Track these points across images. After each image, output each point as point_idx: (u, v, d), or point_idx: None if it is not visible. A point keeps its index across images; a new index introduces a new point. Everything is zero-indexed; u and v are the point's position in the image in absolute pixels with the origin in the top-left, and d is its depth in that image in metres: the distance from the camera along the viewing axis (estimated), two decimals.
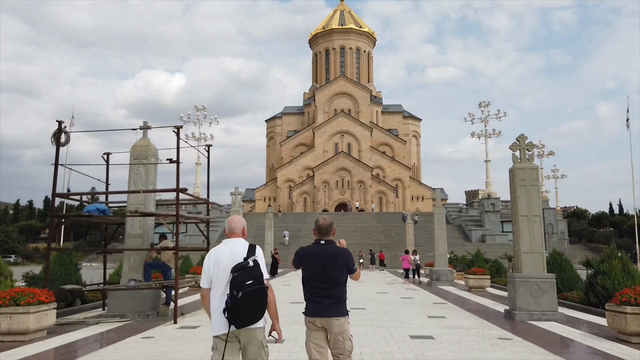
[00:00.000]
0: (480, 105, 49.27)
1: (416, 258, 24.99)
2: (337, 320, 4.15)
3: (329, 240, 4.37)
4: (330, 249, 4.28)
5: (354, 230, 52.57)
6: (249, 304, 3.56)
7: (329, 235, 4.38)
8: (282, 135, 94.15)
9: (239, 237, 3.97)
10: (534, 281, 10.46)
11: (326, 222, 4.41)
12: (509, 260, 21.83)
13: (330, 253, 4.25)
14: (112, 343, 7.98)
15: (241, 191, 22.88)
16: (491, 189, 50.38)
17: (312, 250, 4.33)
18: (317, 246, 4.34)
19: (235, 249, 3.81)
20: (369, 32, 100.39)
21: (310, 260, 4.26)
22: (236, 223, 3.99)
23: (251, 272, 3.63)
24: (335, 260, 4.23)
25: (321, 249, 4.29)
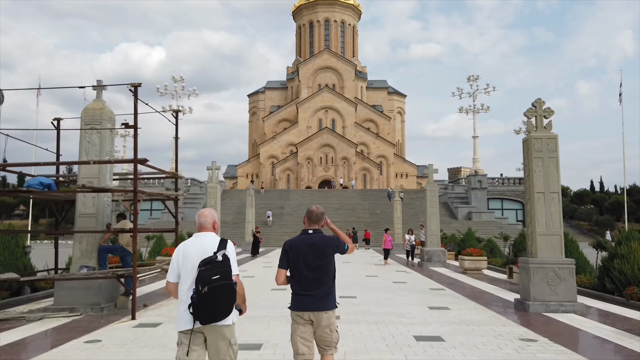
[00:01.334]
0: (469, 80, 47.74)
1: (411, 238, 22.69)
2: (326, 314, 4.06)
3: (317, 230, 4.22)
4: (318, 238, 4.14)
5: (338, 207, 51.30)
6: (215, 300, 3.44)
7: (318, 223, 4.24)
8: (265, 111, 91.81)
9: (209, 231, 3.85)
10: (550, 267, 9.13)
11: (318, 210, 4.28)
12: (504, 240, 20.73)
13: (318, 242, 4.12)
14: (44, 350, 6.38)
15: (219, 166, 21.11)
16: (478, 165, 49.35)
17: (299, 241, 4.17)
18: (304, 236, 4.19)
19: (205, 243, 3.71)
20: (354, 5, 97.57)
21: (298, 251, 4.11)
22: (206, 217, 3.87)
23: (219, 266, 3.51)
24: (323, 249, 4.10)
25: (309, 238, 4.15)
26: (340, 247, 4.20)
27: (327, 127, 78.75)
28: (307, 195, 58.69)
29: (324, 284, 4.06)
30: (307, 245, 4.09)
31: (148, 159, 9.03)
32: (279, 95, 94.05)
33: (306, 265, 4.05)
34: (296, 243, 4.16)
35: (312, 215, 4.23)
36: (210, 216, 3.88)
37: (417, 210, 49.01)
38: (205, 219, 3.84)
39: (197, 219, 3.90)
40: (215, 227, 3.89)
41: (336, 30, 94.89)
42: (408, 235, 23.16)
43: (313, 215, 4.23)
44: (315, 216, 4.22)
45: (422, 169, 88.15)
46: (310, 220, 4.23)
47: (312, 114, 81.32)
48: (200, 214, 3.89)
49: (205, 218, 3.85)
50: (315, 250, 4.06)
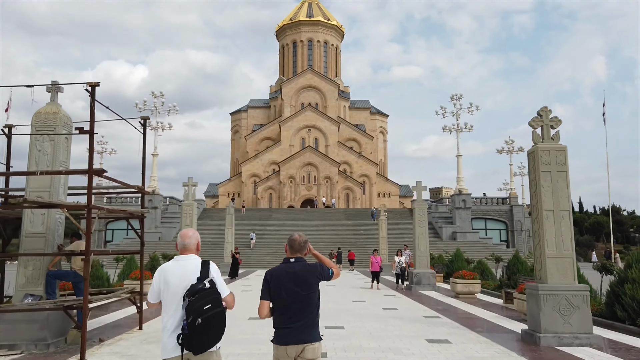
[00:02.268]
0: (452, 99, 47.65)
1: (401, 260, 20.57)
2: (312, 346, 3.86)
3: (300, 258, 4.05)
4: (300, 267, 3.97)
5: (321, 227, 50.10)
6: (208, 329, 3.38)
7: (301, 252, 4.07)
8: (247, 129, 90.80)
9: (192, 253, 3.70)
10: (562, 294, 8.15)
11: (301, 238, 4.10)
12: (496, 262, 19.79)
13: (301, 271, 3.94)
14: None
15: (196, 182, 19.77)
16: (462, 184, 48.88)
17: (281, 270, 3.98)
18: (286, 265, 4.00)
19: (187, 267, 3.58)
20: (337, 26, 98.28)
21: (280, 281, 3.91)
22: (190, 238, 3.73)
23: (208, 294, 3.45)
24: (306, 278, 3.92)
25: (290, 267, 3.97)
26: (325, 274, 4.03)
27: (309, 145, 78.03)
28: (289, 214, 57.39)
29: (308, 314, 3.88)
30: (289, 275, 3.89)
31: (106, 170, 7.80)
32: (262, 113, 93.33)
33: (288, 295, 3.86)
34: (277, 273, 3.95)
35: (295, 243, 4.04)
36: (195, 237, 3.73)
37: (401, 229, 48.12)
38: (189, 241, 3.69)
39: (179, 239, 3.72)
40: (199, 249, 3.79)
41: (319, 50, 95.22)
42: (397, 257, 21.23)
43: (296, 243, 4.04)
44: (298, 245, 4.03)
45: (405, 189, 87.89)
46: (293, 249, 4.04)
47: (295, 132, 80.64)
48: (184, 234, 3.72)
49: (190, 239, 3.70)
50: (297, 279, 3.87)
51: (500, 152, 54.44)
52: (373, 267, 20.15)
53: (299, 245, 4.06)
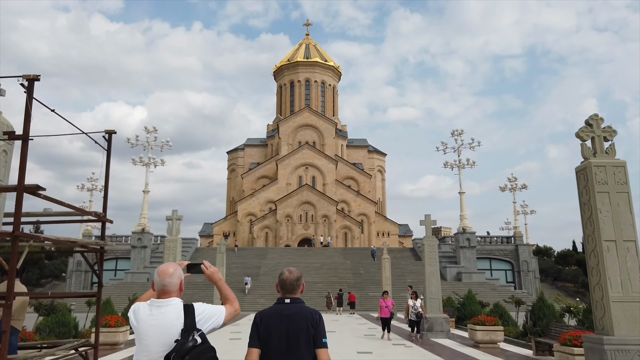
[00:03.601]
0: (453, 134, 46.64)
1: (416, 304, 16.78)
2: None
3: (296, 299, 3.49)
4: (296, 309, 3.40)
5: (319, 267, 47.78)
6: None
7: (295, 292, 3.51)
8: (244, 168, 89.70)
9: (173, 296, 2.99)
10: (635, 350, 6.31)
11: (292, 275, 3.53)
12: (516, 305, 17.76)
13: (296, 314, 3.36)
14: None
15: (180, 215, 17.88)
16: (466, 222, 47.05)
17: (273, 313, 3.41)
18: (279, 306, 3.46)
19: (168, 317, 2.88)
20: (334, 66, 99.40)
21: (271, 324, 3.34)
22: (171, 277, 3.01)
23: (203, 353, 2.80)
24: (304, 322, 3.34)
25: (285, 309, 3.40)
26: (320, 331, 3.34)
27: (307, 184, 76.64)
28: (285, 254, 55.09)
29: None
30: (282, 318, 3.37)
31: (44, 188, 6.10)
32: (259, 152, 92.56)
33: (280, 343, 3.28)
34: (269, 315, 3.42)
35: (286, 283, 3.51)
36: (177, 276, 3.02)
37: (403, 270, 45.86)
38: (170, 280, 2.98)
39: (156, 278, 2.99)
40: (182, 290, 3.08)
41: (317, 90, 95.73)
42: (411, 299, 17.48)
43: (287, 283, 3.51)
44: (290, 284, 3.51)
45: (404, 228, 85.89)
46: (285, 290, 3.51)
47: (292, 170, 79.44)
48: (163, 271, 3.00)
49: (171, 279, 2.98)
50: (292, 322, 3.33)
51: (503, 189, 53.03)
52: (383, 312, 17.20)
53: (291, 284, 3.47)
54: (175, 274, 3.04)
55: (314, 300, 39.45)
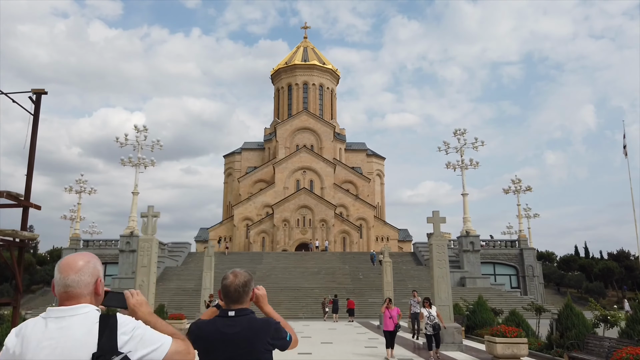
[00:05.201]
0: (455, 134, 44.94)
1: (431, 313, 13.71)
2: None
3: (243, 310, 2.77)
4: (243, 326, 2.68)
5: (316, 272, 45.93)
6: None
7: (242, 301, 2.79)
8: (240, 172, 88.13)
9: (82, 302, 2.04)
10: None
11: (238, 279, 2.79)
12: (536, 313, 15.94)
13: (242, 332, 2.65)
14: None
15: (157, 212, 16.05)
16: (469, 225, 45.21)
17: (213, 329, 2.71)
18: (221, 321, 2.73)
19: (71, 335, 1.92)
20: (332, 69, 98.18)
21: (210, 345, 2.65)
22: (79, 272, 2.05)
23: None
24: (252, 342, 2.64)
25: (228, 325, 2.69)
26: (280, 340, 2.73)
27: (304, 187, 74.98)
28: (281, 258, 53.21)
29: None
30: (224, 337, 2.64)
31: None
32: (256, 156, 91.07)
33: None
34: (208, 332, 2.67)
35: (230, 290, 2.78)
36: (88, 271, 2.06)
37: (404, 275, 44.02)
38: (76, 277, 2.03)
39: (57, 275, 2.04)
40: (99, 293, 2.10)
41: (315, 93, 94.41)
42: (425, 308, 14.20)
43: (231, 290, 2.78)
44: (235, 291, 2.78)
45: (404, 233, 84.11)
46: (228, 299, 2.78)
47: (289, 174, 77.79)
48: (67, 264, 2.04)
49: (79, 275, 2.03)
50: (237, 345, 2.63)
51: (506, 191, 51.32)
52: (387, 324, 14.24)
53: (236, 291, 2.74)
54: (86, 268, 2.04)
55: (310, 308, 37.57)
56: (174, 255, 49.69)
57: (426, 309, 14.00)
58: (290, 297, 39.58)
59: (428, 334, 13.80)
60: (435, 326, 13.55)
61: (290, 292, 40.52)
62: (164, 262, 45.84)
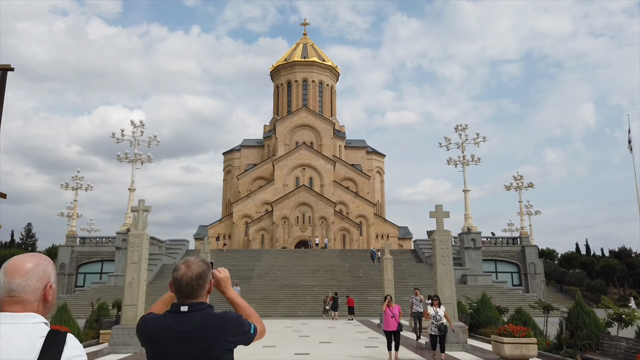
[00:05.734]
0: (456, 129, 44.27)
1: (438, 312, 12.52)
2: None
3: (198, 305, 2.39)
4: (197, 323, 2.32)
5: (315, 269, 45.36)
6: None
7: (197, 294, 2.40)
8: (240, 169, 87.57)
9: (27, 310, 1.79)
10: None
11: (192, 270, 2.39)
12: (544, 312, 15.34)
13: (197, 330, 2.30)
14: None
15: (148, 206, 15.36)
16: (471, 222, 44.56)
17: (163, 327, 2.36)
18: (172, 318, 2.38)
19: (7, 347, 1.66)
20: (332, 66, 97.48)
21: (158, 346, 2.33)
22: (26, 276, 1.81)
23: None
24: (209, 343, 2.29)
25: (180, 323, 2.34)
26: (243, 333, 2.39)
27: (304, 185, 74.43)
28: (280, 255, 52.63)
29: None
30: (175, 336, 2.30)
31: None
32: (255, 153, 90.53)
33: None
34: (156, 330, 2.34)
35: (182, 283, 2.37)
36: (37, 275, 1.80)
37: (404, 272, 43.44)
38: (24, 282, 1.79)
39: (2, 279, 1.78)
40: (48, 300, 1.85)
41: (314, 90, 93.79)
42: (432, 307, 12.99)
43: (183, 283, 2.37)
44: (187, 284, 2.37)
45: (404, 231, 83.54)
46: (181, 293, 2.39)
47: (289, 171, 77.25)
48: (13, 267, 1.80)
49: (25, 279, 1.79)
50: (191, 345, 2.26)
51: (508, 188, 50.72)
52: (388, 324, 12.97)
53: (188, 284, 2.35)
54: (34, 271, 1.77)
55: (309, 306, 36.99)
56: (172, 253, 49.10)
57: (434, 307, 12.83)
58: (289, 295, 39.01)
59: (432, 334, 12.67)
60: (441, 327, 12.38)
61: (289, 290, 39.95)
62: (161, 259, 45.24)
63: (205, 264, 2.49)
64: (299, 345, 15.99)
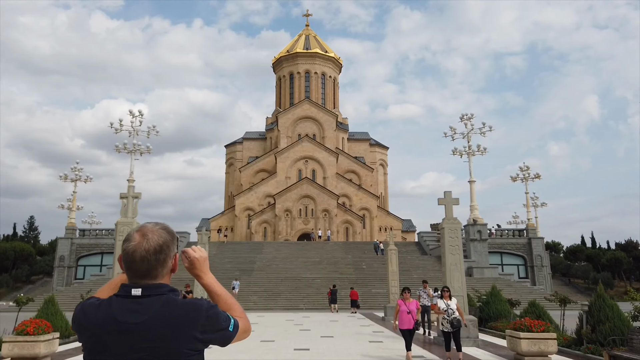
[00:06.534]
0: (462, 119, 43.20)
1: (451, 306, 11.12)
2: None
3: (157, 288, 1.81)
4: (153, 312, 1.75)
5: (318, 262, 44.61)
6: None
7: (154, 275, 1.82)
8: (242, 162, 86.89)
9: None
10: None
11: (148, 242, 1.81)
12: (560, 305, 14.46)
13: (152, 322, 1.73)
14: None
15: (138, 193, 14.51)
16: (476, 213, 43.60)
17: (105, 315, 1.77)
18: (120, 304, 1.79)
19: None
20: (334, 58, 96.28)
21: (99, 341, 1.75)
22: None
23: None
24: (168, 340, 1.71)
25: (130, 311, 1.76)
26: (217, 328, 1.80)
27: (307, 177, 73.66)
28: (282, 248, 51.90)
29: None
30: (122, 329, 1.72)
31: None
32: (258, 145, 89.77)
33: None
34: (97, 320, 1.76)
35: (134, 258, 1.80)
36: None
37: (408, 265, 42.62)
38: None
39: None
40: None
41: (317, 82, 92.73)
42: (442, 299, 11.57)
43: (137, 257, 1.80)
44: (142, 260, 1.80)
45: (407, 224, 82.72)
46: (132, 271, 1.82)
47: (291, 164, 76.46)
48: None
49: None
50: (143, 342, 1.70)
51: (514, 179, 49.73)
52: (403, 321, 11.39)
53: (144, 259, 1.78)
54: None
55: (311, 298, 36.24)
56: None
57: (444, 300, 11.37)
58: (291, 288, 38.29)
59: (445, 331, 11.19)
60: (453, 322, 10.94)
61: (290, 283, 39.24)
62: None
63: (167, 233, 1.88)
64: (299, 340, 15.21)
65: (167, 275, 1.87)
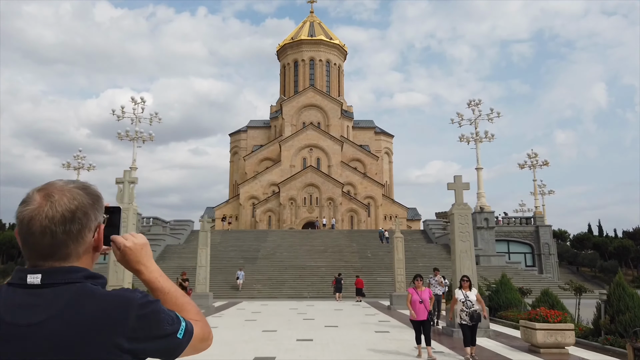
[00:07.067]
0: (469, 105, 42.33)
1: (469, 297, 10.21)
2: None
3: (65, 272, 1.22)
4: (57, 308, 1.16)
5: (322, 250, 44.21)
6: None
7: (63, 254, 1.23)
8: (246, 150, 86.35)
9: None
10: None
11: (54, 204, 1.21)
12: (576, 294, 13.90)
13: (55, 323, 1.14)
14: None
15: (135, 177, 14.03)
16: (483, 201, 42.91)
17: None
18: (12, 295, 1.19)
19: None
20: (339, 45, 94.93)
21: None
22: None
23: None
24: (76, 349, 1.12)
25: (22, 308, 1.16)
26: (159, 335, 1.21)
27: (311, 165, 73.05)
28: (286, 236, 51.54)
29: None
30: (12, 334, 1.13)
31: None
32: (262, 134, 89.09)
33: None
34: None
35: (32, 229, 1.21)
36: None
37: (414, 252, 42.12)
38: None
39: None
40: None
41: (321, 69, 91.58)
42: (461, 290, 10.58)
43: (35, 228, 1.20)
44: (42, 232, 1.20)
45: (412, 212, 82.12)
46: (31, 249, 1.22)
47: (296, 152, 75.84)
48: None
49: None
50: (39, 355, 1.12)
51: (522, 166, 48.91)
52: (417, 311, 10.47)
53: (45, 231, 1.20)
54: None
55: (315, 287, 35.88)
56: (176, 233, 48.19)
57: (463, 290, 10.25)
58: (295, 276, 37.96)
59: (464, 324, 10.00)
60: (473, 315, 9.85)
61: (295, 271, 38.90)
62: (165, 240, 44.36)
63: (86, 194, 1.26)
64: (303, 330, 14.78)
65: (86, 256, 1.28)
